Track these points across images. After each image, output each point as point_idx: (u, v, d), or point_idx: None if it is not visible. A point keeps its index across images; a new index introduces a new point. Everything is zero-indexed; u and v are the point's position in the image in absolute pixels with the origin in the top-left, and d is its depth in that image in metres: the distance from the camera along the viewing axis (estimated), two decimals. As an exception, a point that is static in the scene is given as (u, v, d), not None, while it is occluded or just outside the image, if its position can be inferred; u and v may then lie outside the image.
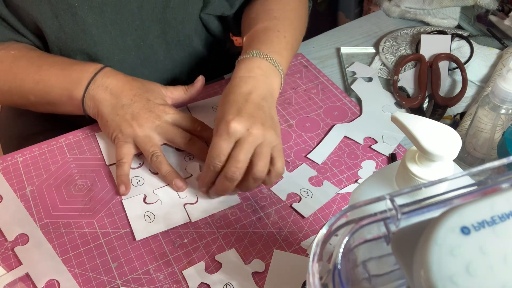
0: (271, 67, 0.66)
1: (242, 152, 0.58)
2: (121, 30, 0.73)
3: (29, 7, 0.67)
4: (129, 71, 0.79)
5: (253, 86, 0.63)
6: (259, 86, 0.63)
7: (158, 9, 0.74)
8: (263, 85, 0.64)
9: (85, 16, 0.69)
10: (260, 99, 0.62)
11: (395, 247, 0.29)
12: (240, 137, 0.58)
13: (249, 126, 0.58)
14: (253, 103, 0.61)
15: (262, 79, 0.64)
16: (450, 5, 0.92)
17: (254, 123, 0.59)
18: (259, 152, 0.59)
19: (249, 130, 0.58)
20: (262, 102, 0.62)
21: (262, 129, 0.59)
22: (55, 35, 0.70)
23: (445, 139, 0.36)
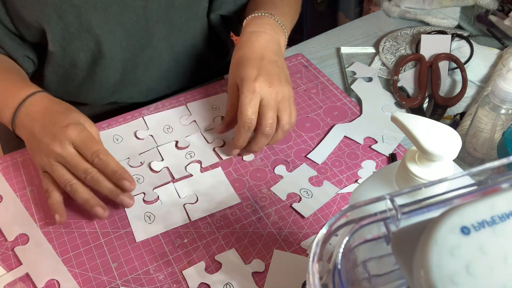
0: (277, 25, 0.72)
1: (271, 110, 0.64)
2: (125, 31, 0.73)
3: (32, 8, 0.67)
4: (132, 71, 0.80)
5: (265, 41, 0.68)
6: (270, 41, 0.69)
7: (163, 10, 0.74)
8: (273, 41, 0.69)
9: (90, 17, 0.69)
10: (273, 54, 0.68)
11: (395, 247, 0.29)
12: (265, 95, 0.63)
13: (270, 83, 0.64)
14: (269, 59, 0.66)
15: (272, 34, 0.69)
16: (450, 5, 0.92)
17: (273, 80, 0.64)
18: (282, 107, 0.65)
19: (271, 87, 0.64)
20: (275, 58, 0.67)
21: (281, 85, 0.65)
22: (60, 35, 0.70)
23: (445, 139, 0.36)
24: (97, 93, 0.81)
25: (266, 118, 0.64)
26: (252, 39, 0.68)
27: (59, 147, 0.59)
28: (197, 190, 0.65)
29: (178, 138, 0.71)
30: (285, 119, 0.65)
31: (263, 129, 0.64)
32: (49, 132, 0.60)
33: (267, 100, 0.64)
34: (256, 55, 0.66)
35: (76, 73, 0.77)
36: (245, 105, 0.63)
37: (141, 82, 0.82)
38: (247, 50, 0.67)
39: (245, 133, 0.65)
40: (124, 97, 0.83)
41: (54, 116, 0.62)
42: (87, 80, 0.78)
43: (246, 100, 0.63)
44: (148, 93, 0.84)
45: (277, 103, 0.65)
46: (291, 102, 0.66)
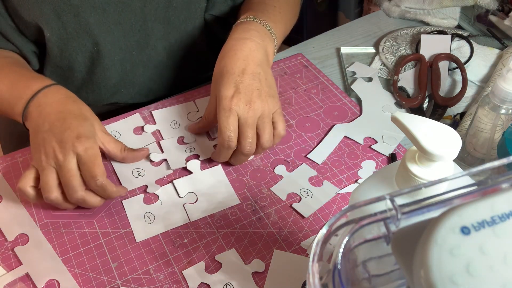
0: (266, 32, 0.69)
1: (249, 129, 0.63)
2: (123, 30, 0.73)
3: (31, 7, 0.67)
4: (131, 71, 0.79)
5: (249, 50, 0.66)
6: (255, 49, 0.66)
7: (161, 9, 0.74)
8: (258, 49, 0.67)
9: (88, 16, 0.69)
10: (256, 66, 0.65)
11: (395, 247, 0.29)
12: (242, 114, 0.62)
13: (247, 101, 0.63)
14: (250, 73, 0.64)
15: (258, 41, 0.67)
16: (450, 5, 0.92)
17: (252, 97, 0.63)
18: (262, 124, 0.64)
19: (248, 105, 0.63)
20: (257, 70, 0.65)
21: (260, 101, 0.63)
22: (57, 35, 0.70)
23: (445, 139, 0.36)
24: (96, 94, 0.81)
25: (245, 137, 0.63)
26: (236, 48, 0.66)
27: (62, 156, 0.58)
28: (197, 189, 0.65)
29: (184, 134, 0.72)
30: (265, 137, 0.64)
31: (242, 148, 0.64)
32: (57, 135, 0.59)
33: (244, 118, 0.62)
34: (237, 69, 0.64)
35: (75, 74, 0.77)
36: (223, 124, 0.62)
37: (140, 82, 0.82)
38: (228, 62, 0.65)
39: (226, 151, 0.65)
40: (123, 97, 0.83)
41: (67, 118, 0.61)
42: (86, 81, 0.78)
43: (223, 119, 0.62)
44: (148, 93, 0.84)
45: (255, 120, 0.63)
46: (277, 115, 0.65)
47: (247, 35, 0.67)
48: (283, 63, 0.85)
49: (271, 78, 0.67)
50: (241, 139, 0.63)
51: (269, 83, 0.66)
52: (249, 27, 0.68)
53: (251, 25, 0.69)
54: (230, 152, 0.65)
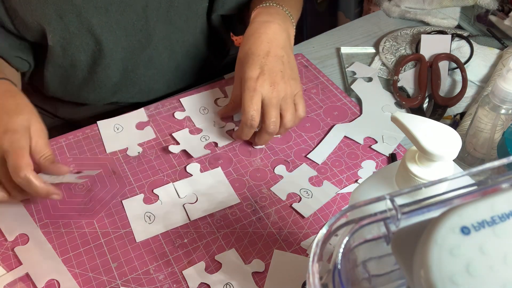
0: (286, 16, 0.72)
1: (273, 109, 0.65)
2: (125, 30, 0.73)
3: (33, 8, 0.67)
4: (132, 71, 0.80)
5: (273, 33, 0.68)
6: (278, 33, 0.68)
7: (163, 9, 0.74)
8: (281, 32, 0.69)
9: (90, 16, 0.69)
10: (279, 49, 0.67)
11: (395, 247, 0.29)
12: (266, 94, 0.64)
13: (272, 82, 0.65)
14: (274, 55, 0.66)
15: (281, 24, 0.69)
16: (450, 5, 0.92)
17: (276, 78, 0.65)
18: (285, 105, 0.66)
19: (272, 86, 0.65)
20: (281, 52, 0.67)
21: (283, 82, 0.65)
22: (60, 35, 0.70)
23: (445, 139, 0.36)
24: (98, 93, 0.81)
25: (269, 117, 0.65)
26: (260, 31, 0.68)
27: None
28: (197, 190, 0.65)
29: (215, 119, 0.74)
30: (288, 117, 0.66)
31: (267, 127, 0.66)
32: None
33: (269, 99, 0.65)
34: (261, 51, 0.66)
35: (77, 73, 0.77)
36: (247, 103, 0.64)
37: (142, 82, 0.82)
38: (253, 45, 0.67)
39: (248, 130, 0.67)
40: (124, 97, 0.83)
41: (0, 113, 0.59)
42: (88, 80, 0.78)
43: (247, 98, 0.64)
44: (149, 93, 0.84)
45: (279, 101, 0.65)
46: (298, 97, 0.68)
47: (271, 18, 0.69)
48: (283, 63, 0.85)
49: (293, 61, 0.70)
50: (265, 118, 0.65)
51: (292, 66, 0.69)
52: (271, 11, 0.71)
53: (273, 9, 0.71)
54: (252, 131, 0.67)
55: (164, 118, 0.75)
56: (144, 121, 0.74)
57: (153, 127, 0.74)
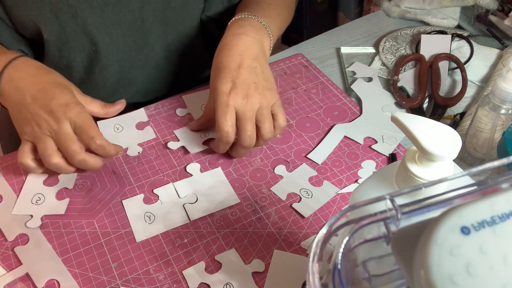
0: (261, 27, 0.70)
1: (247, 122, 0.64)
2: (122, 31, 0.73)
3: (28, 8, 0.67)
4: (129, 72, 0.79)
5: (245, 44, 0.66)
6: (250, 44, 0.67)
7: (159, 10, 0.74)
8: (254, 43, 0.67)
9: (86, 17, 0.69)
10: (252, 60, 0.66)
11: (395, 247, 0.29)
12: (239, 108, 0.63)
13: (245, 95, 0.63)
14: (246, 67, 0.65)
15: (253, 36, 0.68)
16: (450, 5, 0.92)
17: (249, 91, 0.64)
18: (261, 117, 0.65)
19: (245, 99, 0.63)
20: (254, 64, 0.66)
21: (257, 94, 0.64)
22: (56, 35, 0.70)
23: (445, 139, 0.36)
24: (95, 94, 0.81)
25: (244, 131, 0.64)
26: (232, 43, 0.66)
27: (56, 124, 0.61)
28: (197, 190, 0.65)
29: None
30: (265, 129, 0.65)
31: (242, 141, 0.64)
32: (45, 107, 0.61)
33: (242, 112, 0.63)
34: (233, 64, 0.65)
35: (73, 74, 0.77)
36: (221, 120, 0.63)
37: (139, 83, 0.82)
38: (225, 58, 0.66)
39: (224, 146, 0.66)
40: (122, 97, 0.83)
41: (48, 89, 0.63)
42: (85, 82, 0.78)
43: (221, 114, 0.63)
44: (146, 93, 0.84)
45: (253, 114, 0.64)
46: (276, 107, 0.66)
47: (242, 30, 0.68)
48: (283, 63, 0.85)
49: (269, 71, 0.68)
50: (240, 133, 0.64)
51: (266, 77, 0.67)
52: (243, 23, 0.69)
53: (246, 21, 0.69)
54: (228, 146, 0.66)
55: (164, 118, 0.75)
56: (144, 121, 0.75)
57: (153, 127, 0.74)
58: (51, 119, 0.61)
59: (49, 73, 0.66)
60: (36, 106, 0.62)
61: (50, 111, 0.61)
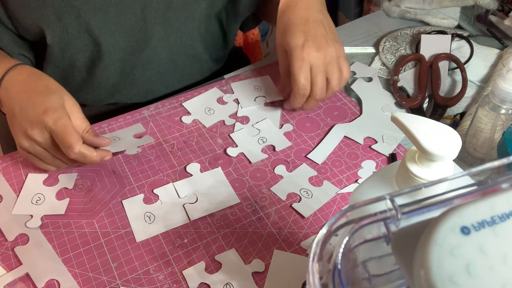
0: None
1: (320, 74, 0.67)
2: (124, 31, 0.73)
3: (31, 10, 0.67)
4: (131, 72, 0.79)
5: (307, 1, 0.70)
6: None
7: (161, 10, 0.74)
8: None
9: (88, 18, 0.69)
10: (318, 13, 0.70)
11: (395, 247, 0.29)
12: (314, 61, 0.66)
13: (317, 47, 0.67)
14: (313, 21, 0.68)
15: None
16: (450, 5, 0.92)
17: (320, 43, 0.67)
18: (331, 69, 0.68)
19: (319, 52, 0.66)
20: (320, 17, 0.70)
21: (328, 46, 0.67)
22: (59, 37, 0.70)
23: (445, 139, 0.36)
24: (96, 94, 0.81)
25: (317, 83, 0.67)
26: (294, 1, 0.70)
27: (38, 133, 0.60)
28: (197, 190, 0.65)
29: (224, 117, 0.75)
30: (334, 81, 0.68)
31: (314, 94, 0.68)
32: (27, 116, 0.61)
33: (317, 65, 0.66)
34: (301, 19, 0.68)
35: (75, 74, 0.77)
36: (297, 74, 0.66)
37: (140, 83, 0.82)
38: (291, 15, 0.69)
39: (301, 98, 0.69)
40: (123, 98, 0.83)
41: (32, 96, 0.62)
42: (86, 81, 0.78)
43: (297, 68, 0.66)
44: (147, 93, 0.84)
45: (326, 66, 0.67)
46: (342, 59, 0.69)
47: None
48: (283, 63, 0.85)
49: (332, 23, 0.72)
50: (313, 85, 0.67)
51: (332, 29, 0.71)
52: None
53: None
54: (304, 99, 0.69)
55: (164, 118, 0.75)
56: (141, 132, 0.73)
57: (153, 127, 0.74)
58: (33, 130, 0.60)
59: (39, 79, 0.65)
60: (21, 116, 0.61)
61: (30, 122, 0.60)
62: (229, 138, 0.72)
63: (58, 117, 0.60)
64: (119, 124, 0.74)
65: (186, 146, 0.71)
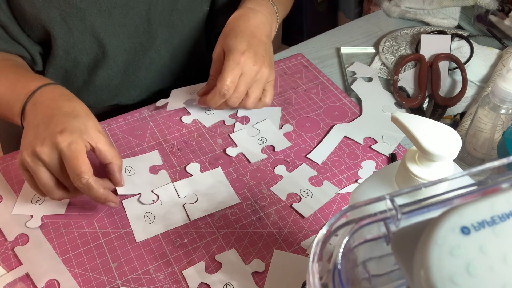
0: (273, 11, 0.75)
1: (244, 84, 0.67)
2: (128, 33, 0.73)
3: (37, 11, 0.67)
4: (134, 73, 0.80)
5: (260, 21, 0.71)
6: (264, 22, 0.72)
7: (166, 12, 0.74)
8: (267, 23, 0.72)
9: (94, 20, 0.69)
10: (264, 36, 0.71)
11: (395, 247, 0.29)
12: (246, 71, 0.67)
13: (254, 62, 0.67)
14: (259, 39, 0.69)
15: (267, 17, 0.73)
16: (450, 5, 0.92)
17: (258, 60, 0.68)
18: (256, 87, 0.69)
19: (255, 65, 0.67)
20: (265, 40, 0.71)
21: (264, 66, 0.68)
22: (64, 38, 0.71)
23: (445, 139, 0.36)
24: (98, 95, 0.81)
25: (238, 90, 0.68)
26: (249, 15, 0.71)
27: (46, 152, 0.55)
28: (196, 190, 0.65)
29: (224, 117, 0.75)
30: (251, 99, 0.69)
31: (230, 99, 0.68)
32: (42, 132, 0.57)
33: (247, 75, 0.67)
34: (249, 32, 0.69)
35: (78, 75, 0.77)
36: (227, 73, 0.66)
37: (143, 85, 0.82)
38: (242, 23, 0.70)
39: (219, 98, 0.68)
40: (125, 99, 0.83)
41: (56, 115, 0.58)
42: (88, 83, 0.78)
43: (228, 69, 0.66)
44: (149, 95, 0.84)
45: (253, 81, 0.68)
46: (269, 85, 0.71)
47: (259, 8, 0.72)
48: (283, 63, 0.85)
49: (272, 51, 0.73)
50: (234, 91, 0.67)
51: (271, 55, 0.72)
52: (260, 1, 0.73)
53: (262, 1, 0.74)
54: (221, 100, 0.68)
55: (164, 118, 0.75)
56: (158, 164, 0.68)
57: (153, 127, 0.74)
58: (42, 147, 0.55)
59: (69, 100, 0.61)
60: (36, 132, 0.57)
61: (43, 139, 0.56)
62: (229, 138, 0.72)
63: (73, 140, 0.55)
64: (119, 124, 0.74)
65: (186, 146, 0.71)
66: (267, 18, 0.72)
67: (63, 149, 0.55)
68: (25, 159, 0.56)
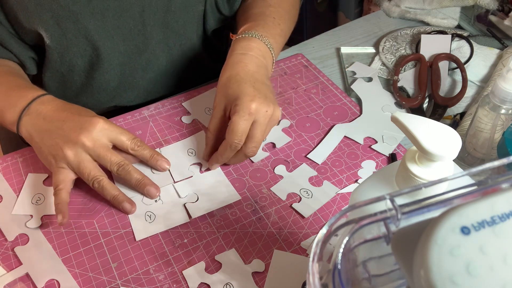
0: (267, 50, 0.70)
1: (260, 132, 0.63)
2: (123, 35, 0.73)
3: (30, 15, 0.67)
4: (130, 75, 0.79)
5: (256, 65, 0.67)
6: (260, 66, 0.67)
7: (160, 13, 0.74)
8: (262, 66, 0.68)
9: (87, 22, 0.69)
10: (265, 78, 0.67)
11: (395, 247, 0.29)
12: (259, 118, 0.62)
13: (267, 106, 0.63)
14: (262, 83, 0.65)
15: (261, 59, 0.68)
16: (450, 5, 0.92)
17: (269, 104, 0.63)
18: (268, 129, 0.65)
19: (267, 111, 0.63)
20: (267, 82, 0.67)
21: (275, 108, 0.64)
22: (57, 41, 0.70)
23: (445, 139, 0.36)
24: (96, 98, 0.81)
25: (253, 141, 0.63)
26: (244, 61, 0.66)
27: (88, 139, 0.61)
28: (197, 190, 0.65)
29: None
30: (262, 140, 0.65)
31: (247, 150, 0.63)
32: (75, 125, 0.61)
33: (261, 122, 0.63)
34: (250, 77, 0.65)
35: (74, 79, 0.77)
36: (238, 125, 0.61)
37: (140, 86, 0.82)
38: (241, 71, 0.65)
39: (231, 152, 0.64)
40: (123, 101, 0.83)
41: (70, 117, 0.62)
42: (86, 86, 0.78)
43: (240, 120, 0.61)
44: (147, 96, 0.84)
45: (269, 127, 0.65)
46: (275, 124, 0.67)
47: (251, 52, 0.68)
48: (283, 63, 0.85)
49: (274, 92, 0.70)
50: (248, 141, 0.63)
51: (274, 95, 0.68)
52: (250, 44, 0.68)
53: (253, 42, 0.69)
54: (233, 153, 0.64)
55: (164, 118, 0.75)
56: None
57: (153, 127, 0.74)
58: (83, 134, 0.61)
59: (73, 105, 0.66)
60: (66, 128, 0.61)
61: (80, 128, 0.61)
62: (229, 138, 0.72)
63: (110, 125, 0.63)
64: (119, 124, 0.74)
65: (186, 146, 0.71)
66: (262, 62, 0.68)
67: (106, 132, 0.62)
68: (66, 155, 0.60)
